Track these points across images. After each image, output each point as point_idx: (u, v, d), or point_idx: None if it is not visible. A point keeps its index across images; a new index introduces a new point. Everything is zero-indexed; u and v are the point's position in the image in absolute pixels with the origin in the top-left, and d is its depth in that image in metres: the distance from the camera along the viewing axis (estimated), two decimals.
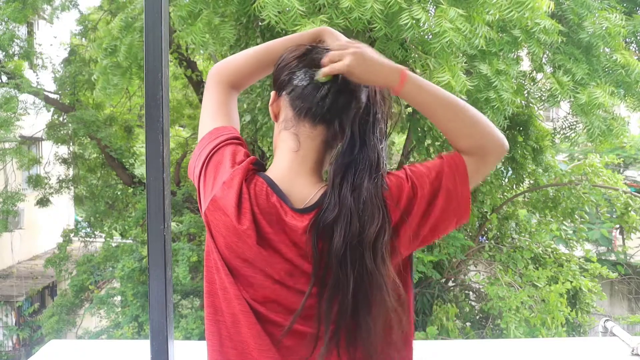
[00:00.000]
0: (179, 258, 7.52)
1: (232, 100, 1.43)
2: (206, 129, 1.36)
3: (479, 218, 8.52)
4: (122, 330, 7.78)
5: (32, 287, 12.26)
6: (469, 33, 4.31)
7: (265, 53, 1.41)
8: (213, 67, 1.46)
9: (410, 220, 1.21)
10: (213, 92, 1.42)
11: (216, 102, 1.41)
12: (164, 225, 1.96)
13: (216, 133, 1.33)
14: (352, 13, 4.11)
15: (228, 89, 1.42)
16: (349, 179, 1.19)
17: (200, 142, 1.35)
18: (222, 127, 1.35)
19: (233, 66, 1.43)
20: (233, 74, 1.43)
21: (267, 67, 1.41)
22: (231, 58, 1.45)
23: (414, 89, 1.23)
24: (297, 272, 1.19)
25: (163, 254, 1.97)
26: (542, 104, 7.02)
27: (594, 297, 8.10)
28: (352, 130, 1.24)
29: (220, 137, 1.32)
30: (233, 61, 1.44)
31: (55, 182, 11.40)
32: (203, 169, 1.28)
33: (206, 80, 1.46)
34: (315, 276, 1.17)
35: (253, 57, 1.42)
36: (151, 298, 2.00)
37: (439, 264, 7.82)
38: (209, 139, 1.33)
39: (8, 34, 9.17)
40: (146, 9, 1.90)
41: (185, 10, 4.97)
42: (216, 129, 1.34)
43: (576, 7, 5.39)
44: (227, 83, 1.42)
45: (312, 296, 1.17)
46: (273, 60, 1.37)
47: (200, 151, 1.33)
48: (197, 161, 1.32)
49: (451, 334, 7.16)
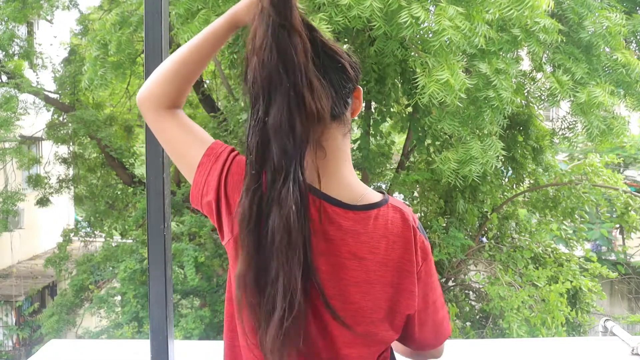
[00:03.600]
0: (184, 259, 7.51)
1: (184, 117, 1.28)
2: (193, 156, 1.24)
3: (479, 218, 8.52)
4: (122, 329, 7.78)
5: (32, 287, 12.26)
6: (469, 32, 4.31)
7: (183, 63, 1.25)
8: (141, 104, 1.28)
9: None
10: (165, 127, 1.26)
11: (178, 131, 1.26)
12: (164, 225, 1.96)
13: (212, 154, 1.23)
14: (351, 11, 4.11)
15: (173, 112, 1.27)
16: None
17: (200, 170, 1.22)
18: (214, 144, 1.24)
19: (161, 92, 1.25)
20: (167, 100, 1.25)
21: (196, 71, 1.28)
22: (152, 85, 1.26)
23: None
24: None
25: (163, 254, 1.97)
26: (541, 104, 7.02)
27: (594, 296, 8.10)
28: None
29: (220, 156, 1.22)
30: (158, 87, 1.25)
31: (55, 182, 11.41)
32: (221, 195, 1.19)
33: (144, 118, 1.30)
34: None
35: (177, 72, 1.25)
36: (151, 298, 2.00)
37: (439, 263, 7.81)
38: (209, 162, 1.22)
39: (8, 34, 9.17)
40: (146, 8, 1.90)
41: (182, 7, 4.97)
42: (210, 149, 1.23)
43: (576, 7, 5.40)
44: (166, 109, 1.26)
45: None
46: (199, 63, 1.26)
47: (205, 179, 1.21)
48: (204, 189, 1.21)
49: (451, 334, 7.16)
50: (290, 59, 1.04)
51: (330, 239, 1.14)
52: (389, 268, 1.16)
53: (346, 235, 1.14)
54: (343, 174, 1.20)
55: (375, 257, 1.15)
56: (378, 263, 1.15)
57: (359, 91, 1.24)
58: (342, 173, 1.20)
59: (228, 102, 8.99)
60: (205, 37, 1.24)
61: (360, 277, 1.15)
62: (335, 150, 1.19)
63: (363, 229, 1.15)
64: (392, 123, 8.70)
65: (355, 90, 1.23)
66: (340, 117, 1.19)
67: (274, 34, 1.04)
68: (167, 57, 1.27)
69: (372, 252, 1.15)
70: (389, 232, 1.17)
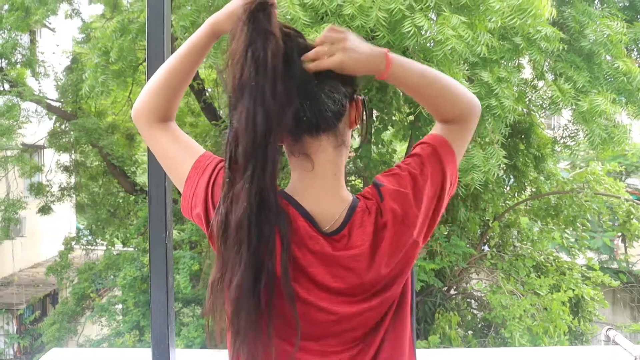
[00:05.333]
0: (180, 266, 7.51)
1: (176, 129, 1.31)
2: (182, 169, 1.27)
3: (480, 226, 8.51)
4: (123, 338, 7.77)
5: (33, 295, 12.26)
6: (471, 40, 4.31)
7: (170, 74, 1.28)
8: (135, 117, 1.32)
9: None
10: (157, 139, 1.30)
11: (169, 144, 1.29)
12: (166, 233, 1.96)
13: (200, 166, 1.25)
14: (355, 21, 4.11)
15: (164, 125, 1.30)
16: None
17: (188, 182, 1.25)
18: (201, 157, 1.27)
19: (152, 105, 1.29)
20: (158, 112, 1.29)
21: (183, 83, 1.30)
22: (143, 99, 1.30)
23: (399, 71, 1.19)
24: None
25: (164, 262, 1.97)
26: (543, 112, 7.02)
27: (596, 305, 8.08)
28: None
29: (207, 168, 1.24)
30: (148, 101, 1.29)
31: (57, 190, 11.43)
32: (209, 206, 1.21)
33: (139, 130, 1.34)
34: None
35: (165, 85, 1.28)
36: (152, 306, 2.00)
37: (441, 272, 7.80)
38: (197, 175, 1.24)
39: (11, 42, 9.21)
40: (148, 19, 1.91)
41: (188, 20, 4.99)
42: (197, 162, 1.26)
43: (577, 15, 5.41)
44: (158, 122, 1.29)
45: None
46: (184, 75, 1.28)
47: (193, 191, 1.24)
48: (193, 201, 1.24)
49: (453, 343, 7.14)
50: (263, 63, 1.06)
51: (298, 261, 1.15)
52: (376, 261, 1.17)
53: (316, 260, 1.16)
54: (328, 188, 1.21)
55: (351, 273, 1.17)
56: (360, 274, 1.17)
57: (358, 102, 1.24)
58: (329, 186, 1.21)
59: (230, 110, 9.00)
60: (188, 47, 1.26)
61: (346, 291, 1.17)
62: (325, 163, 1.20)
63: (331, 252, 1.16)
64: (393, 131, 8.70)
65: (353, 101, 1.23)
66: (331, 129, 1.19)
67: (252, 39, 1.06)
68: (155, 72, 1.29)
69: (337, 276, 1.16)
70: (365, 234, 1.18)
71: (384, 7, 4.14)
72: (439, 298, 8.01)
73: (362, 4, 4.12)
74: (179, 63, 1.27)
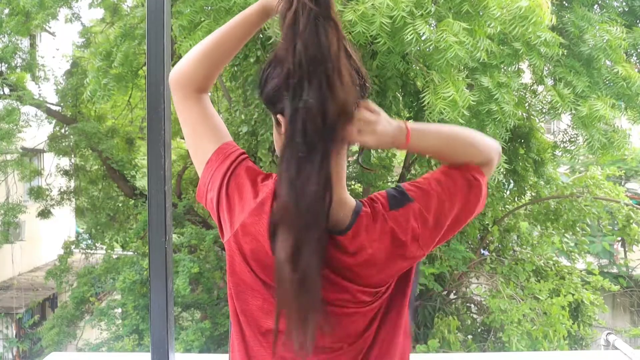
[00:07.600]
0: (179, 269, 7.51)
1: (208, 105, 1.32)
2: (205, 150, 1.28)
3: (480, 230, 8.51)
4: (123, 342, 7.76)
5: (32, 299, 12.24)
6: (471, 46, 4.32)
7: (215, 46, 1.29)
8: (172, 81, 1.32)
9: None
10: (189, 109, 1.30)
11: (199, 118, 1.30)
12: (165, 237, 1.96)
13: (222, 153, 1.26)
14: (355, 27, 4.11)
15: (199, 97, 1.31)
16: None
17: (208, 166, 1.27)
18: (225, 145, 1.28)
19: (193, 72, 1.29)
20: (196, 81, 1.29)
21: (226, 56, 1.32)
22: (185, 64, 1.30)
23: (418, 141, 1.22)
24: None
25: (164, 267, 1.97)
26: (543, 117, 7.03)
27: (596, 309, 8.08)
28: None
29: (229, 157, 1.26)
30: (189, 67, 1.30)
31: (57, 194, 11.41)
32: (222, 195, 1.22)
33: (173, 96, 1.34)
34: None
35: (209, 54, 1.29)
36: (152, 310, 2.00)
37: (441, 276, 7.80)
38: (217, 161, 1.26)
39: (11, 47, 9.21)
40: (148, 21, 1.91)
41: (186, 19, 4.99)
42: (220, 149, 1.27)
43: (577, 20, 5.41)
44: (194, 92, 1.30)
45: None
46: (229, 48, 1.30)
47: (211, 176, 1.26)
48: (209, 186, 1.26)
49: (453, 347, 7.13)
50: (326, 47, 1.07)
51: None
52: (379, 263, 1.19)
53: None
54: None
55: (352, 275, 1.19)
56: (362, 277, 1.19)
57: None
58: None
59: (229, 114, 9.01)
60: (237, 22, 1.29)
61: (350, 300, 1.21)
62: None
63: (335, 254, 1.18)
64: None
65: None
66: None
67: (315, 21, 1.07)
68: (200, 41, 1.31)
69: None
70: (370, 240, 1.19)
71: (387, 14, 4.14)
72: (438, 302, 8.01)
73: (364, 11, 4.11)
74: (226, 34, 1.29)
